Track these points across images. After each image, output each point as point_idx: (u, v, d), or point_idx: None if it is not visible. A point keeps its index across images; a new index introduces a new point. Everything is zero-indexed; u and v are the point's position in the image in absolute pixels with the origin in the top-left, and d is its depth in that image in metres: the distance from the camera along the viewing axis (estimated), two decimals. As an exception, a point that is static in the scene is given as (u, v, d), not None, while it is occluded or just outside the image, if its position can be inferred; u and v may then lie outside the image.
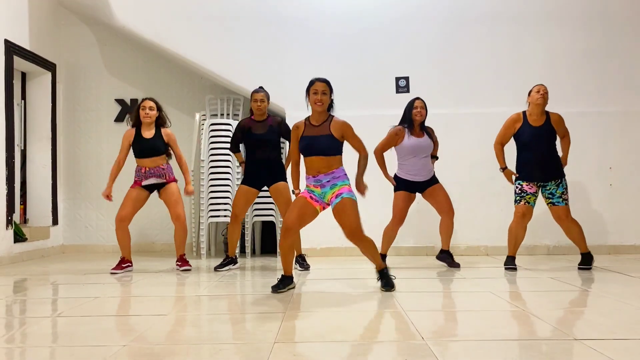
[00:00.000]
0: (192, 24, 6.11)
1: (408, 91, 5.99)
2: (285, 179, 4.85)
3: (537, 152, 4.61)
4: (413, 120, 4.86)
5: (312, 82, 3.74)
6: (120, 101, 6.78)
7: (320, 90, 3.69)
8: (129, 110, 6.70)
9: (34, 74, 6.40)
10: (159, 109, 4.95)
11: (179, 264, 4.95)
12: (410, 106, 4.89)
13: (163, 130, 4.94)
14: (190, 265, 4.98)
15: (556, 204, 4.61)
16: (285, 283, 3.78)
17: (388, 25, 6.11)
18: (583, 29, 6.02)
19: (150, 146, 4.85)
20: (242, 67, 6.12)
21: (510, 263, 4.72)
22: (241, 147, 5.01)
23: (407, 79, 6.07)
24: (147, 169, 4.87)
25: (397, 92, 6.03)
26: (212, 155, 5.94)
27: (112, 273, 4.78)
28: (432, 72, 6.07)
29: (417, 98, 4.93)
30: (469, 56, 6.06)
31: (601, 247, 5.78)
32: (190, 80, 6.77)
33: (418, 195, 5.01)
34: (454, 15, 6.10)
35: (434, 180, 4.93)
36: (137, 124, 4.93)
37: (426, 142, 4.86)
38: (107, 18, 6.16)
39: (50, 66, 6.43)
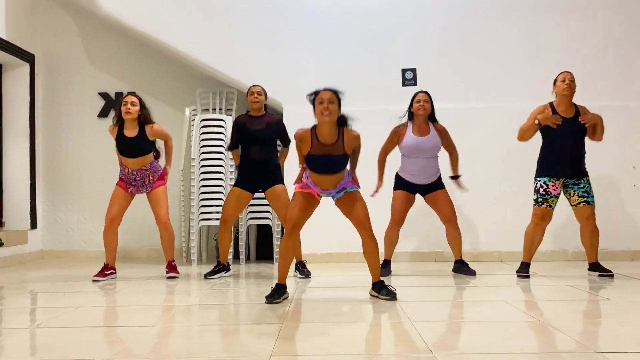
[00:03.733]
0: (182, 12, 6.11)
1: (415, 84, 5.99)
2: (282, 182, 4.85)
3: (567, 146, 4.56)
4: (415, 115, 4.86)
5: (316, 92, 3.63)
6: (104, 95, 6.78)
7: (326, 99, 3.55)
8: (113, 104, 6.71)
9: (10, 65, 6.39)
10: (142, 105, 4.93)
11: (167, 270, 4.95)
12: (412, 100, 4.91)
13: (147, 128, 4.91)
14: (178, 273, 4.98)
15: (591, 202, 4.60)
16: (280, 292, 3.77)
17: (393, 13, 6.11)
18: (603, 16, 6.02)
19: (133, 147, 4.85)
20: (236, 58, 6.12)
21: (523, 270, 4.71)
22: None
23: (414, 70, 6.07)
24: (129, 170, 4.89)
25: (404, 84, 6.03)
26: (203, 153, 5.94)
27: (94, 280, 4.79)
28: (441, 63, 6.06)
29: (421, 91, 4.93)
30: (480, 47, 6.06)
31: (624, 253, 5.77)
32: (179, 72, 6.77)
33: (420, 197, 5.00)
34: (464, 2, 6.10)
35: (438, 185, 4.90)
36: (121, 121, 4.93)
37: (430, 142, 4.83)
38: (90, 5, 6.15)
39: (28, 57, 6.43)
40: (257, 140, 4.78)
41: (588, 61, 5.97)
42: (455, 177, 5.00)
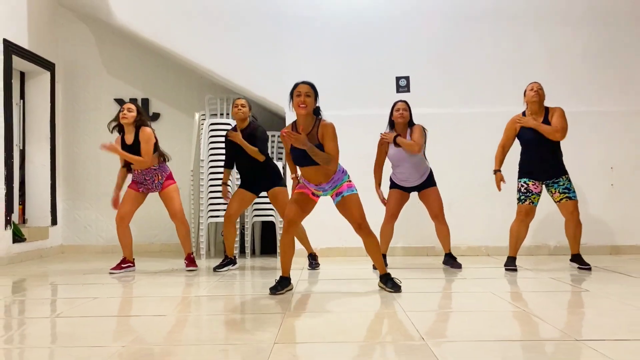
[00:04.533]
0: (192, 23, 6.12)
1: (409, 90, 5.99)
2: (282, 184, 4.86)
3: (539, 150, 4.60)
4: (396, 124, 4.87)
5: (295, 85, 3.64)
6: (119, 101, 6.78)
7: (303, 92, 3.57)
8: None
9: (32, 73, 6.40)
10: (139, 112, 4.89)
11: (186, 262, 4.99)
12: (392, 109, 4.90)
13: (141, 131, 4.79)
14: (196, 266, 5.01)
15: (572, 198, 4.61)
16: (283, 285, 3.78)
17: (389, 23, 6.11)
18: (586, 27, 6.02)
19: (133, 152, 4.81)
20: (241, 66, 6.12)
21: (510, 264, 4.72)
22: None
23: (407, 78, 6.07)
24: (139, 170, 4.90)
25: (398, 91, 6.03)
26: (211, 155, 5.94)
27: (110, 273, 4.79)
28: (433, 71, 6.06)
29: (400, 100, 4.94)
30: (471, 55, 6.06)
31: (602, 248, 5.78)
32: (189, 79, 6.77)
33: (414, 195, 5.01)
34: (455, 13, 6.10)
35: (429, 183, 4.92)
36: (120, 128, 4.91)
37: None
38: (106, 17, 6.17)
39: (49, 65, 6.43)
40: (242, 151, 4.74)
41: (571, 69, 5.97)
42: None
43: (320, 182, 3.72)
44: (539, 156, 4.61)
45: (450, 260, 4.96)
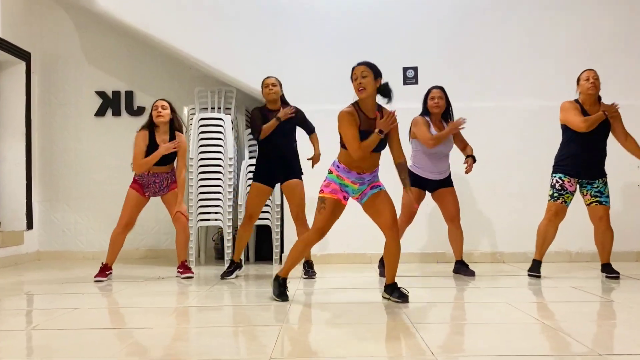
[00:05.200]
0: (181, 10, 6.11)
1: (417, 82, 5.98)
2: (300, 176, 4.83)
3: (589, 146, 4.56)
4: (430, 113, 4.86)
5: (353, 69, 3.74)
6: (101, 93, 6.78)
7: (359, 74, 3.65)
8: (110, 103, 6.74)
9: (6, 63, 6.39)
10: (173, 110, 5.01)
11: (180, 270, 4.99)
12: (426, 96, 4.90)
13: (177, 136, 4.97)
14: (193, 273, 5.01)
15: (604, 203, 4.58)
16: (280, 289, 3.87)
17: (394, 12, 6.11)
18: (606, 14, 6.02)
19: (163, 156, 4.89)
20: (235, 56, 6.11)
21: (534, 269, 4.70)
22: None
23: (415, 69, 6.06)
24: (150, 172, 4.92)
25: (405, 83, 6.03)
26: (201, 152, 5.94)
27: (96, 281, 4.79)
28: (442, 62, 6.06)
29: (435, 87, 4.91)
30: (482, 45, 6.06)
31: (628, 254, 5.78)
32: (178, 70, 6.77)
33: (428, 197, 5.01)
34: (466, 0, 6.09)
35: (447, 182, 4.92)
36: (152, 126, 4.96)
37: (451, 137, 4.87)
38: (88, 3, 6.14)
39: (24, 55, 6.43)
40: (276, 133, 4.71)
41: (590, 60, 5.93)
42: (470, 157, 4.91)
43: (366, 171, 3.73)
44: (586, 151, 4.55)
45: (463, 268, 4.95)
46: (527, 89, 5.87)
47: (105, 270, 4.90)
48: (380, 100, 3.77)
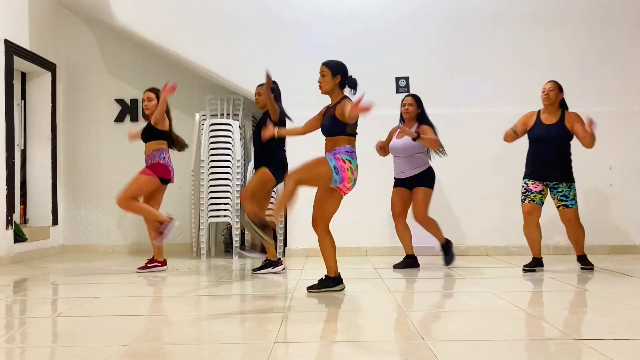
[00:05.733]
0: (193, 24, 6.12)
1: (408, 91, 5.98)
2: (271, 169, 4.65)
3: (546, 150, 4.56)
4: (403, 118, 4.91)
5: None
6: (120, 101, 6.78)
7: (320, 74, 3.82)
8: (129, 110, 6.75)
9: (34, 74, 6.40)
10: (158, 97, 4.97)
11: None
12: (401, 104, 4.96)
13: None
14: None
15: (570, 206, 4.55)
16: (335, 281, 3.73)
17: (389, 25, 6.11)
18: (584, 29, 6.01)
19: (143, 133, 4.97)
20: (242, 67, 6.11)
21: (529, 264, 4.64)
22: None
23: (407, 79, 6.07)
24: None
25: (397, 92, 6.03)
26: (212, 155, 5.94)
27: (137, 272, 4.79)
28: (432, 72, 6.06)
29: (408, 94, 4.98)
30: (470, 56, 6.06)
31: (601, 247, 5.78)
32: (190, 80, 6.77)
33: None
34: (455, 15, 6.09)
35: (420, 181, 4.85)
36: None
37: (402, 143, 4.82)
38: (107, 18, 6.16)
39: (50, 66, 6.43)
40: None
41: (569, 70, 5.96)
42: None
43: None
44: (544, 156, 4.56)
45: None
46: (509, 97, 5.87)
47: (148, 264, 4.90)
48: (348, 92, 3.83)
